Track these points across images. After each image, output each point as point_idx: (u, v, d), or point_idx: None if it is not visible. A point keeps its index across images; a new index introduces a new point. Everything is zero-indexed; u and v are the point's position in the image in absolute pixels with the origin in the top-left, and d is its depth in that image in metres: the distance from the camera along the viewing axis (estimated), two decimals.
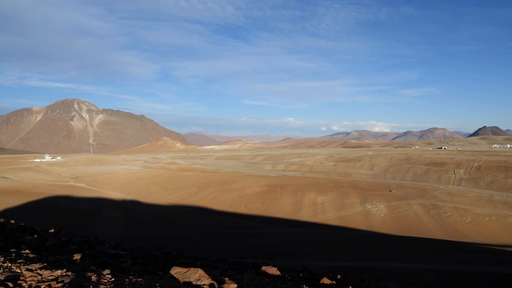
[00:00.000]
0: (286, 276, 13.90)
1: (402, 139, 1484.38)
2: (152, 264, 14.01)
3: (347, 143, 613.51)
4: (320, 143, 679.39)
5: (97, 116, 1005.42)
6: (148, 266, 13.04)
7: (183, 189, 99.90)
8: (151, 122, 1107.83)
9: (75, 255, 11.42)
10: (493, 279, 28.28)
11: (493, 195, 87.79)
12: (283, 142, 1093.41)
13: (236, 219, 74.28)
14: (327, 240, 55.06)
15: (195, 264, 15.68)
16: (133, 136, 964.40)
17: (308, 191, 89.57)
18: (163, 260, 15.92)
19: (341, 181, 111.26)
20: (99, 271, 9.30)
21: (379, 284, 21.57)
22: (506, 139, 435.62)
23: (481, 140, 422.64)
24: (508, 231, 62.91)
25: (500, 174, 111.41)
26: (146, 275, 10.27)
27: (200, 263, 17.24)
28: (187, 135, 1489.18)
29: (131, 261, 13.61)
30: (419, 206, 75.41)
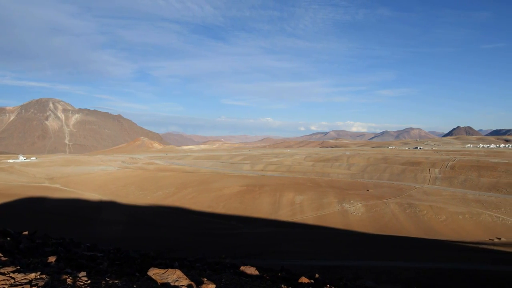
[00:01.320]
0: (265, 276, 13.92)
1: (379, 139, 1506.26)
2: (130, 266, 13.84)
3: (325, 143, 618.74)
4: (299, 143, 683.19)
5: (73, 116, 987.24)
6: (125, 268, 12.87)
7: (161, 190, 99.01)
8: (128, 122, 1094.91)
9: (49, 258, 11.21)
10: (466, 275, 28.93)
11: (467, 194, 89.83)
12: (262, 142, 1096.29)
13: (215, 219, 74.00)
14: (305, 239, 55.34)
15: (173, 265, 15.57)
16: (110, 136, 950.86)
17: (286, 191, 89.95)
18: (140, 262, 15.76)
19: (319, 180, 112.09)
20: (74, 274, 9.15)
21: (356, 282, 21.79)
22: (479, 139, 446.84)
23: (455, 140, 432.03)
24: (480, 229, 64.44)
25: (473, 173, 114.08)
26: (123, 276, 10.15)
27: (178, 264, 17.11)
28: (165, 135, 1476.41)
29: (108, 263, 13.42)
30: (395, 205, 76.56)
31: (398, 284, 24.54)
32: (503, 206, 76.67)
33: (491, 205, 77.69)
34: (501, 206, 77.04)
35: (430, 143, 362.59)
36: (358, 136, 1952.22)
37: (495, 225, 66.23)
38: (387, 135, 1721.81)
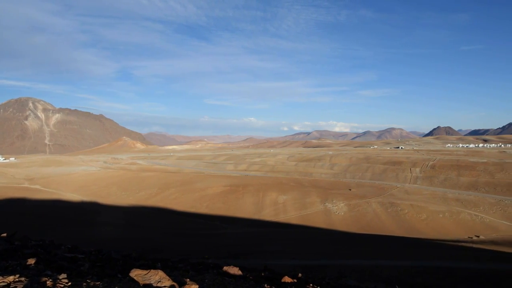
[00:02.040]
0: (248, 276, 13.93)
1: (361, 139, 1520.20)
2: (111, 267, 13.67)
3: (308, 143, 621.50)
4: (282, 143, 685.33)
5: (54, 115, 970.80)
6: (106, 269, 12.71)
7: (144, 190, 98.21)
8: (110, 122, 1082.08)
9: (29, 260, 11.01)
10: (446, 273, 29.41)
11: (447, 193, 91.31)
12: (245, 142, 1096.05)
13: (198, 219, 73.73)
14: (288, 239, 55.51)
15: (155, 266, 15.43)
16: (91, 136, 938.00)
17: (269, 191, 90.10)
18: (122, 263, 15.58)
19: (302, 180, 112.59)
20: (54, 276, 9.00)
21: (339, 281, 21.94)
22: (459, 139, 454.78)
23: (436, 140, 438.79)
24: (460, 227, 65.59)
25: (453, 173, 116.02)
26: (105, 278, 10.03)
27: (161, 264, 16.97)
28: (147, 135, 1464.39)
29: (89, 265, 13.23)
30: (377, 204, 77.37)
31: (380, 282, 24.79)
32: (481, 205, 78.19)
33: (470, 204, 79.15)
34: (480, 204, 78.56)
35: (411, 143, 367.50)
36: (341, 136, 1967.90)
37: (474, 223, 67.49)
38: (369, 135, 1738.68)
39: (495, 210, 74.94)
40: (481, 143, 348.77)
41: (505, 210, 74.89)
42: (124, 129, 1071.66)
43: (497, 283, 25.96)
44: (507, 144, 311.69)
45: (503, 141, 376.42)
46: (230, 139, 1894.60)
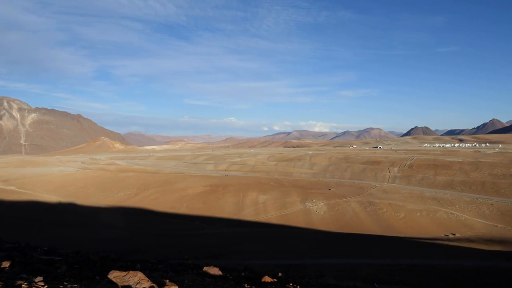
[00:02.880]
0: (228, 276, 13.93)
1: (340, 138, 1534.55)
2: (89, 269, 13.47)
3: (288, 142, 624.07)
4: (262, 143, 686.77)
5: (30, 115, 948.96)
6: (84, 271, 12.52)
7: (123, 191, 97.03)
8: (88, 122, 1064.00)
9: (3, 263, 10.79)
10: (423, 270, 29.97)
11: (424, 192, 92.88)
12: (225, 142, 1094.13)
13: (178, 220, 73.24)
14: (269, 239, 55.66)
15: (134, 267, 15.28)
16: (69, 136, 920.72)
17: (250, 191, 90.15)
18: (101, 264, 15.38)
19: (282, 180, 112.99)
20: (30, 279, 8.85)
21: (318, 280, 22.12)
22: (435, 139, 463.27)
23: (413, 139, 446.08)
24: (436, 225, 66.82)
25: (430, 172, 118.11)
26: (82, 280, 9.91)
27: (140, 266, 16.82)
28: (126, 135, 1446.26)
29: (66, 267, 13.03)
30: (356, 204, 78.20)
31: (359, 280, 25.08)
32: (457, 203, 79.82)
33: (447, 202, 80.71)
34: (456, 203, 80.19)
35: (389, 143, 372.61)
36: (320, 136, 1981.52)
37: (450, 221, 68.86)
38: (349, 135, 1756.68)
39: (470, 209, 76.61)
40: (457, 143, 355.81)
41: (479, 208, 76.63)
42: (102, 129, 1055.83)
43: (472, 279, 26.57)
44: (481, 143, 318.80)
45: (477, 141, 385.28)
46: (210, 139, 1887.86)
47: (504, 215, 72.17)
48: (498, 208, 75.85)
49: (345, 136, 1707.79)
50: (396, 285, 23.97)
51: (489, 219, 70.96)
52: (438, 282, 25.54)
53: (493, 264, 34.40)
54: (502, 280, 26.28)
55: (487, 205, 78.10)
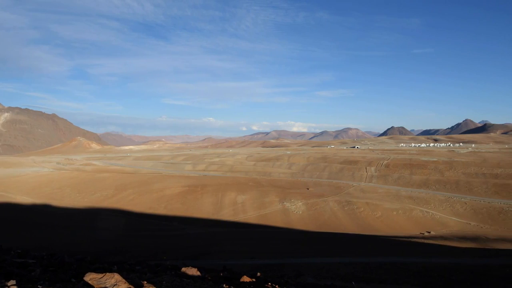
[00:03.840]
0: (207, 276, 13.88)
1: (318, 138, 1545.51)
2: (64, 272, 13.21)
3: (267, 142, 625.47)
4: (240, 143, 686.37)
5: (2, 114, 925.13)
6: (59, 274, 12.28)
7: (100, 191, 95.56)
8: (64, 122, 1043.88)
9: None
10: (399, 268, 30.45)
11: (400, 191, 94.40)
12: (204, 142, 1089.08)
13: (156, 220, 72.54)
14: (247, 238, 55.68)
15: (111, 269, 15.07)
16: (44, 136, 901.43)
17: (228, 191, 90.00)
18: (76, 267, 15.10)
19: (261, 180, 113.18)
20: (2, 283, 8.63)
21: (297, 279, 22.23)
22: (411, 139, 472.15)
23: (390, 139, 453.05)
24: (412, 223, 68.03)
25: (406, 171, 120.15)
26: (57, 283, 9.72)
27: (117, 267, 16.59)
28: (103, 135, 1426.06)
29: (41, 270, 12.74)
30: (334, 203, 78.91)
31: (337, 279, 25.31)
32: (432, 202, 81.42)
33: (422, 201, 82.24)
34: (431, 201, 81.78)
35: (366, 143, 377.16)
36: (299, 136, 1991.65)
37: (425, 219, 70.19)
38: (326, 135, 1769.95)
39: (444, 207, 78.25)
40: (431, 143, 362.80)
41: (453, 206, 78.34)
42: (78, 129, 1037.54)
43: (446, 276, 27.12)
44: (455, 143, 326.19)
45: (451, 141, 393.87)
46: (188, 139, 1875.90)
47: (477, 213, 73.97)
48: (471, 206, 77.68)
49: (323, 136, 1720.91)
50: (373, 283, 24.28)
51: (463, 217, 72.64)
52: (414, 279, 25.99)
53: (467, 261, 35.20)
54: (475, 277, 26.92)
55: (460, 203, 79.90)
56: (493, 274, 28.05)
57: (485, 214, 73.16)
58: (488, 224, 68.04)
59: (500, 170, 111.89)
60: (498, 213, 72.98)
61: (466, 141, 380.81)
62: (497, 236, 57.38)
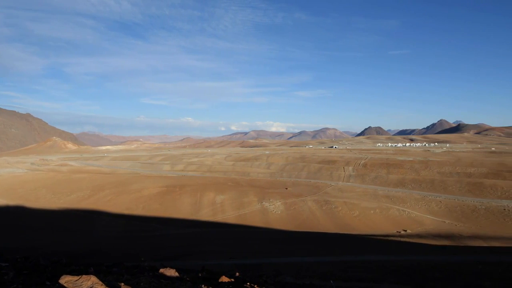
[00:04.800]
0: (185, 277, 13.78)
1: (297, 138, 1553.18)
2: (39, 275, 12.94)
3: (245, 142, 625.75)
4: (219, 143, 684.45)
5: None
6: (34, 277, 12.02)
7: (76, 192, 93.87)
8: (39, 121, 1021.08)
9: None
10: (377, 266, 30.87)
11: (377, 190, 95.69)
12: (182, 142, 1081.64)
13: (134, 221, 71.70)
14: (226, 238, 55.59)
15: (88, 271, 14.82)
16: (17, 136, 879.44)
17: (207, 191, 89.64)
18: (51, 269, 14.81)
19: (240, 180, 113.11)
20: None
21: (276, 278, 22.28)
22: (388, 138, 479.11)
23: (367, 139, 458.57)
24: (389, 222, 69.00)
25: (383, 171, 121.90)
26: (32, 286, 9.52)
27: (94, 269, 16.31)
28: (80, 135, 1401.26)
29: (14, 273, 12.44)
30: (313, 202, 79.42)
31: (316, 278, 25.45)
32: (408, 201, 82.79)
33: (398, 200, 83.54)
34: (407, 200, 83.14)
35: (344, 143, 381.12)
36: (277, 135, 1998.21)
37: (402, 218, 71.29)
38: (305, 135, 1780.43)
39: (420, 206, 79.65)
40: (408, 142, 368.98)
41: (429, 205, 79.81)
42: (54, 129, 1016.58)
43: (422, 273, 27.61)
44: (430, 143, 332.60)
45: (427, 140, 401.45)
46: (167, 139, 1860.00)
47: (451, 211, 75.55)
48: (446, 204, 79.28)
49: (302, 136, 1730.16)
50: (351, 281, 24.51)
51: (438, 215, 74.07)
52: (391, 277, 26.36)
53: (442, 258, 35.94)
54: (449, 273, 27.47)
55: (436, 202, 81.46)
56: (466, 270, 28.69)
57: (459, 212, 74.78)
58: (462, 222, 69.55)
59: (473, 169, 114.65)
60: (471, 211, 74.69)
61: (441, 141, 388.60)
62: (471, 234, 58.78)
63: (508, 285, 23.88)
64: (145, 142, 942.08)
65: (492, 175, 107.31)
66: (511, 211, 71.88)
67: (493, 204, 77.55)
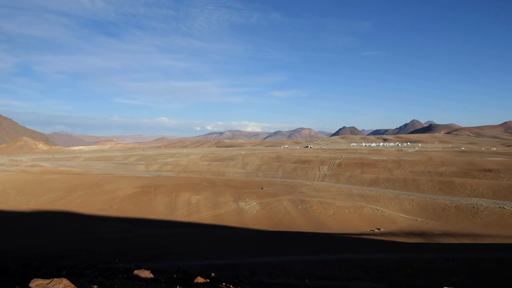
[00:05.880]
0: (160, 279, 13.68)
1: (272, 138, 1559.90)
2: (8, 278, 12.60)
3: (221, 142, 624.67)
4: (194, 142, 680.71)
5: None
6: (2, 281, 11.71)
7: (48, 194, 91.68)
8: (8, 121, 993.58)
9: None
10: (352, 264, 31.31)
11: (352, 189, 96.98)
12: (157, 142, 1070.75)
13: (108, 222, 70.57)
14: (202, 239, 55.32)
15: (59, 274, 14.52)
16: None
17: (182, 191, 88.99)
18: (22, 273, 14.46)
19: (215, 180, 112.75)
20: None
21: (251, 278, 22.34)
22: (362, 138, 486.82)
23: (342, 139, 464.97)
24: (363, 221, 69.99)
25: (357, 170, 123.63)
26: None
27: (66, 272, 16.01)
28: (51, 135, 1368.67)
29: None
30: (288, 202, 79.82)
31: (291, 277, 25.59)
32: (381, 200, 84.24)
33: (372, 199, 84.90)
34: (380, 199, 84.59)
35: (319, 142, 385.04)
36: (253, 135, 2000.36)
37: (375, 217, 72.45)
38: (280, 135, 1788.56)
39: (393, 204, 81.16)
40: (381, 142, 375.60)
41: (401, 203, 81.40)
42: (24, 128, 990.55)
43: (395, 271, 28.14)
44: (403, 143, 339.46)
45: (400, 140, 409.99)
46: (141, 139, 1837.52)
47: (423, 209, 77.28)
48: (418, 203, 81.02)
49: (277, 136, 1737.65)
50: (326, 280, 24.75)
51: (410, 213, 75.63)
52: (365, 274, 26.75)
53: (414, 255, 36.69)
54: (421, 270, 28.11)
55: (408, 200, 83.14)
56: (437, 267, 29.41)
57: (431, 211, 76.56)
58: (433, 220, 71.20)
59: (444, 168, 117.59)
60: (442, 209, 76.55)
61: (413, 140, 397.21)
62: (441, 231, 60.27)
63: (476, 280, 24.59)
64: (119, 142, 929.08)
65: (462, 174, 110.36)
66: (480, 208, 74.02)
67: (463, 202, 79.71)
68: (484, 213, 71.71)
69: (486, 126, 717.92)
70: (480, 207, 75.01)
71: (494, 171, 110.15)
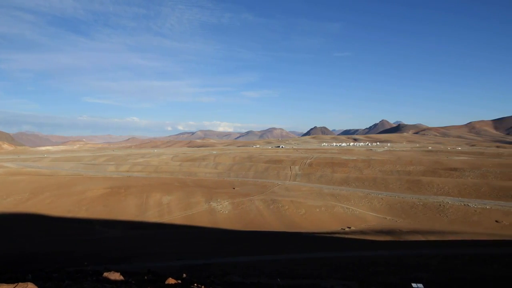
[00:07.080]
0: (130, 281, 13.46)
1: (244, 138, 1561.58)
2: None
3: (193, 142, 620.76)
4: (166, 143, 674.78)
5: None
6: None
7: (13, 195, 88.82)
8: None
9: None
10: (323, 262, 31.65)
11: (323, 188, 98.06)
12: (127, 142, 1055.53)
13: (77, 224, 69.02)
14: (174, 239, 54.82)
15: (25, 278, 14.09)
16: None
17: (153, 192, 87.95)
18: None
19: (187, 180, 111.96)
20: None
21: (223, 278, 22.26)
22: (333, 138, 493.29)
23: (313, 139, 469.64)
24: (334, 220, 70.89)
25: (328, 170, 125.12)
26: None
27: (32, 276, 15.53)
28: (17, 135, 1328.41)
29: None
30: (260, 202, 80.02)
31: (263, 276, 25.64)
32: (352, 198, 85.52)
33: (343, 198, 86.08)
34: (351, 198, 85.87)
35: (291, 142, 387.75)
36: (225, 135, 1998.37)
37: (346, 215, 73.51)
38: (252, 135, 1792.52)
39: (363, 203, 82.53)
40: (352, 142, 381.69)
41: (371, 202, 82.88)
42: None
43: (365, 268, 28.58)
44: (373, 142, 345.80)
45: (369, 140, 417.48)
46: (111, 139, 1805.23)
47: (392, 208, 78.91)
48: (387, 201, 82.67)
49: (249, 136, 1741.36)
50: (298, 279, 24.91)
51: (380, 212, 77.12)
52: (336, 273, 27.07)
53: (383, 253, 37.40)
54: (391, 267, 28.66)
55: (377, 199, 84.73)
56: (406, 264, 30.07)
57: (399, 209, 78.26)
58: (402, 218, 72.82)
59: (412, 168, 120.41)
60: (410, 207, 78.37)
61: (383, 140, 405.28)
62: (410, 229, 61.60)
63: (443, 276, 25.26)
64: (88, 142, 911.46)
65: (429, 173, 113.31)
66: (446, 206, 76.16)
67: (430, 200, 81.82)
68: (450, 211, 73.82)
69: (451, 126, 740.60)
70: (446, 205, 77.17)
71: (460, 170, 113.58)
